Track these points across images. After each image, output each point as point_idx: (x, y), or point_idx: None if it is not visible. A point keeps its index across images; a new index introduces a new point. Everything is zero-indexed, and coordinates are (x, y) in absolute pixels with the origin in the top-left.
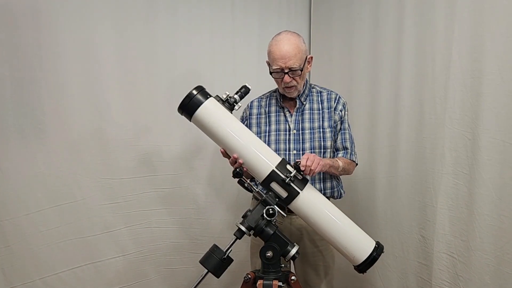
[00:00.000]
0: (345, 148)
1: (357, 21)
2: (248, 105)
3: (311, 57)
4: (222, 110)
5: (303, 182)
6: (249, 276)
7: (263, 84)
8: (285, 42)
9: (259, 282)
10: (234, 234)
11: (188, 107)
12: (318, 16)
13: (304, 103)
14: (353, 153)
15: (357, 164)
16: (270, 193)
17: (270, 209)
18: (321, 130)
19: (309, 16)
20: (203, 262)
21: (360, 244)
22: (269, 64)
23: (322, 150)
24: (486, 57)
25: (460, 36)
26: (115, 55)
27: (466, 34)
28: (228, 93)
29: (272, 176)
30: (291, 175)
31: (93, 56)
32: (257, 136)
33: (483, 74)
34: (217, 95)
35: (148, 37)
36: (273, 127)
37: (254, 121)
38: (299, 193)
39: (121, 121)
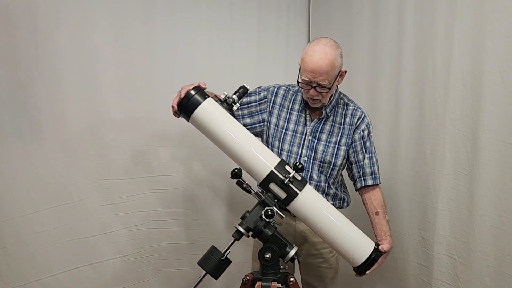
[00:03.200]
0: (373, 174)
1: (357, 21)
2: (274, 90)
3: (345, 72)
4: (221, 110)
5: (302, 183)
6: (248, 277)
7: (263, 85)
8: (320, 56)
9: (258, 283)
10: (233, 236)
11: (187, 107)
12: (318, 16)
13: (329, 114)
14: (379, 176)
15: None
16: (268, 194)
17: (269, 210)
18: (336, 146)
19: (308, 16)
20: (201, 263)
21: (360, 245)
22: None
23: (331, 166)
24: (487, 57)
25: (461, 36)
26: (113, 55)
27: (467, 34)
28: (226, 93)
29: (270, 177)
30: (290, 176)
31: (90, 56)
32: (274, 128)
33: (484, 74)
34: (215, 95)
35: (146, 37)
36: (291, 126)
37: (276, 111)
38: (298, 194)
39: (118, 121)
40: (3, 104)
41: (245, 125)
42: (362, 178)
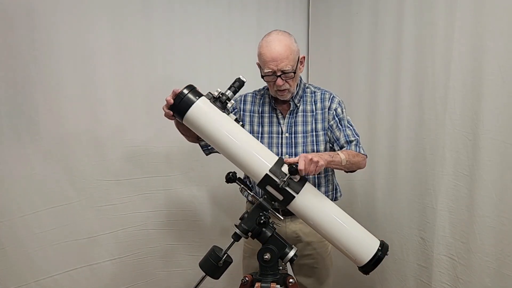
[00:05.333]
0: (349, 142)
1: (356, 20)
2: (241, 98)
3: (304, 57)
4: (215, 109)
5: (300, 184)
6: (247, 278)
7: (261, 84)
8: (276, 44)
9: (257, 285)
10: (232, 237)
11: (179, 107)
12: (317, 15)
13: (298, 105)
14: (358, 144)
15: (366, 156)
16: (265, 196)
17: (262, 218)
18: (314, 133)
19: (308, 15)
20: (201, 265)
21: (364, 243)
22: (260, 67)
23: None
24: (487, 57)
25: (460, 35)
26: (111, 55)
27: (467, 33)
28: (219, 90)
29: (266, 180)
30: (284, 179)
31: (88, 56)
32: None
33: (484, 74)
34: (209, 92)
35: (144, 37)
36: (266, 128)
37: (247, 118)
38: (294, 197)
39: (116, 121)
40: (0, 104)
41: None
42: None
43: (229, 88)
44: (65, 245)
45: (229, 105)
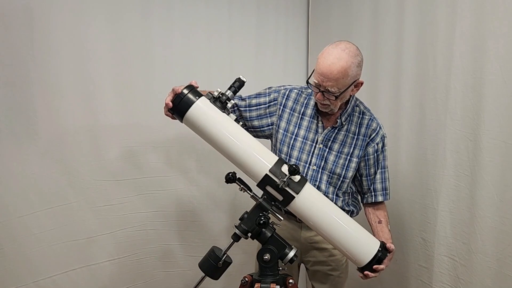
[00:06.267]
0: (384, 189)
1: (356, 20)
2: (285, 93)
3: (362, 83)
4: (215, 109)
5: (300, 184)
6: (246, 279)
7: (261, 84)
8: (333, 60)
9: (257, 285)
10: (232, 237)
11: (179, 107)
12: (316, 14)
13: (344, 123)
14: (389, 192)
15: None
16: (265, 196)
17: (262, 218)
18: (348, 157)
19: (307, 14)
20: (201, 265)
21: (364, 244)
22: None
23: (341, 179)
24: (488, 57)
25: (461, 35)
26: (110, 54)
27: (467, 33)
28: (219, 90)
29: (266, 180)
30: (284, 179)
31: (87, 55)
32: (283, 133)
33: (485, 75)
34: (209, 92)
35: (143, 36)
36: (302, 132)
37: (286, 115)
38: (294, 197)
39: (115, 121)
40: None
41: (253, 128)
42: (373, 194)
43: (229, 88)
44: (64, 246)
45: (229, 105)
